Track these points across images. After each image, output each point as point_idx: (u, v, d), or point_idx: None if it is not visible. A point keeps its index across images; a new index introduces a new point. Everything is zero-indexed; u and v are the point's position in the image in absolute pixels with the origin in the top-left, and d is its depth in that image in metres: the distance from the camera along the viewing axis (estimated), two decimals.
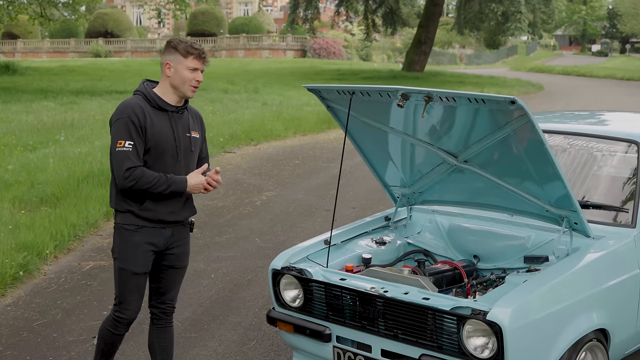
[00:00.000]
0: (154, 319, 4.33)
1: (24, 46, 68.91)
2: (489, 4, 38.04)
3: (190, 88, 4.06)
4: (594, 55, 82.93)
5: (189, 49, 4.02)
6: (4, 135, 13.73)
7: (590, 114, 6.46)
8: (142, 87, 4.10)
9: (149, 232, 4.08)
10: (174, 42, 4.07)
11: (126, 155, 3.91)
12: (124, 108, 3.99)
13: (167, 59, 4.05)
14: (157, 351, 4.33)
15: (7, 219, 7.94)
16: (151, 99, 4.04)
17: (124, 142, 3.92)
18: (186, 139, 4.13)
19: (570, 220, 4.06)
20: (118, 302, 4.18)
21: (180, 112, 4.12)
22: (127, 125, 3.93)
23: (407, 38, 66.70)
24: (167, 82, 4.06)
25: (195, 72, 4.05)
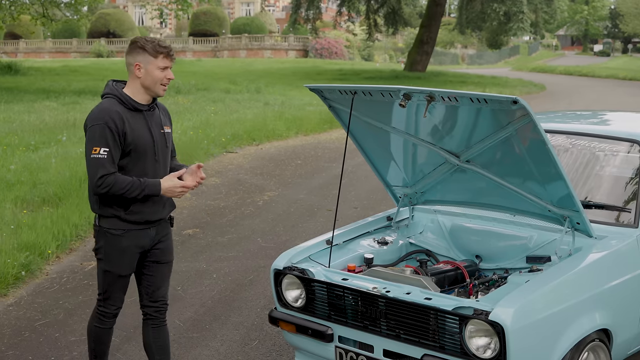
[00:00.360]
0: (148, 319, 4.31)
1: (26, 46, 68.94)
2: (491, 4, 38.04)
3: (161, 87, 4.05)
4: (596, 55, 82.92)
5: (158, 48, 3.99)
6: (6, 135, 13.73)
7: (593, 114, 6.45)
8: (113, 90, 4.05)
9: (136, 234, 4.08)
10: (140, 42, 4.01)
11: (101, 163, 3.87)
12: (99, 113, 3.94)
13: (136, 60, 4.00)
14: (155, 351, 4.32)
15: (10, 219, 7.94)
16: (126, 101, 4.01)
17: (99, 148, 3.88)
18: (161, 135, 4.14)
19: (573, 220, 4.05)
20: (103, 298, 4.20)
21: (152, 110, 4.12)
22: (104, 131, 3.88)
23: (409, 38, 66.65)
24: (138, 82, 4.03)
25: (166, 71, 4.03)
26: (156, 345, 4.31)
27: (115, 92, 4.02)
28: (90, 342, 4.31)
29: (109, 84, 4.09)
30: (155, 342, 4.31)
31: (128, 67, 4.04)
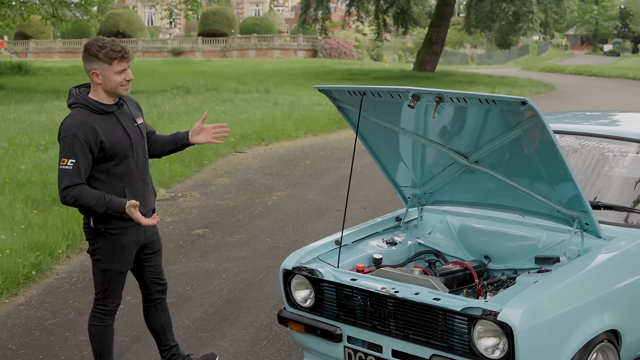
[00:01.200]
0: (157, 303, 4.56)
1: (36, 46, 69.20)
2: (500, 4, 37.96)
3: (122, 88, 4.08)
4: (605, 55, 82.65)
5: (111, 54, 3.98)
6: (16, 135, 13.80)
7: (602, 115, 6.44)
8: (79, 98, 4.07)
9: (133, 231, 4.21)
10: (92, 49, 3.98)
11: (66, 174, 3.93)
12: (69, 126, 3.98)
13: (92, 67, 4.01)
14: (166, 329, 4.62)
15: (20, 218, 7.98)
16: (95, 107, 4.05)
17: (67, 160, 3.94)
18: (135, 129, 4.20)
19: (582, 221, 4.05)
20: (101, 297, 4.31)
21: (120, 107, 4.17)
22: (72, 143, 3.94)
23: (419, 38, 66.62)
24: (99, 88, 4.06)
25: (124, 73, 4.06)
26: (166, 324, 4.61)
27: (82, 101, 4.05)
28: (93, 343, 4.39)
29: (72, 92, 4.12)
30: (166, 322, 4.61)
31: (87, 74, 4.06)
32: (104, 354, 4.40)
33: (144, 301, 4.60)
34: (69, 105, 4.11)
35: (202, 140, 4.49)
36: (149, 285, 4.51)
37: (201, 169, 12.06)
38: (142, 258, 4.42)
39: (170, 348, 4.66)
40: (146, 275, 4.49)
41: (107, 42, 4.01)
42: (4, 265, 6.43)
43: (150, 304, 4.56)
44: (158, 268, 4.52)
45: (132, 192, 4.18)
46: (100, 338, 4.36)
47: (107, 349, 4.40)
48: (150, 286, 4.52)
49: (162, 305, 4.59)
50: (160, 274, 4.54)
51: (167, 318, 4.64)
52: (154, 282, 4.51)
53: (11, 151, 12.03)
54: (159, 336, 4.63)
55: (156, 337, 4.66)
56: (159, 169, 10.87)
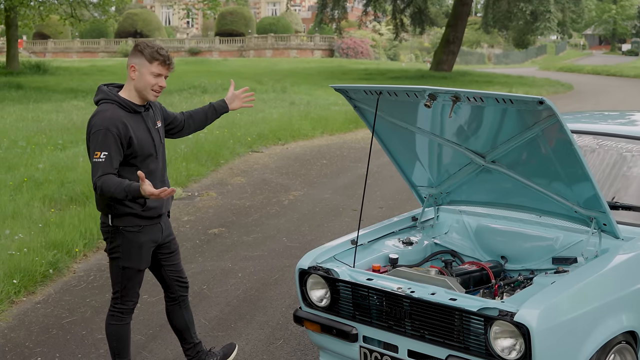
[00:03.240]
0: (180, 301, 4.60)
1: (54, 46, 69.61)
2: (517, 3, 37.84)
3: (152, 93, 4.14)
4: (624, 54, 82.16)
5: (155, 54, 4.08)
6: (35, 134, 13.89)
7: (620, 114, 6.39)
8: (110, 95, 4.14)
9: (151, 229, 4.27)
10: (140, 45, 4.12)
11: (99, 166, 3.99)
12: (101, 119, 4.03)
13: (133, 61, 4.12)
14: (189, 327, 4.67)
15: (38, 217, 8.03)
16: (126, 105, 4.11)
17: (100, 153, 3.99)
18: (156, 132, 4.28)
19: (599, 222, 4.02)
20: (119, 296, 4.36)
21: (147, 109, 4.24)
22: (105, 136, 3.99)
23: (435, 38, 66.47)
24: (132, 84, 4.13)
25: (159, 78, 4.13)
26: (189, 322, 4.66)
27: (112, 97, 4.11)
28: (111, 342, 4.42)
29: (102, 89, 4.17)
30: (189, 320, 4.66)
31: (127, 69, 4.16)
32: (121, 353, 4.43)
33: (166, 300, 4.63)
34: (97, 102, 4.16)
35: (236, 106, 4.71)
36: (170, 284, 4.55)
37: (218, 168, 12.09)
38: (160, 258, 4.46)
39: (195, 346, 4.70)
40: (166, 274, 4.53)
41: (156, 45, 4.16)
42: (22, 264, 6.47)
43: (174, 302, 4.60)
44: (178, 267, 4.57)
45: None
46: (118, 337, 4.39)
47: (124, 347, 4.43)
48: (172, 285, 4.56)
49: (185, 303, 4.63)
50: (181, 272, 4.59)
51: (190, 316, 4.68)
52: (175, 280, 4.55)
53: (29, 150, 12.12)
54: (183, 335, 4.67)
55: (180, 335, 4.69)
56: (176, 168, 10.91)
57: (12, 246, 6.90)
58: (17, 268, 6.39)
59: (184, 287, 4.61)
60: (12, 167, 10.65)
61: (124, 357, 4.45)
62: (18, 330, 5.58)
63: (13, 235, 7.28)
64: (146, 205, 4.18)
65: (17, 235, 7.27)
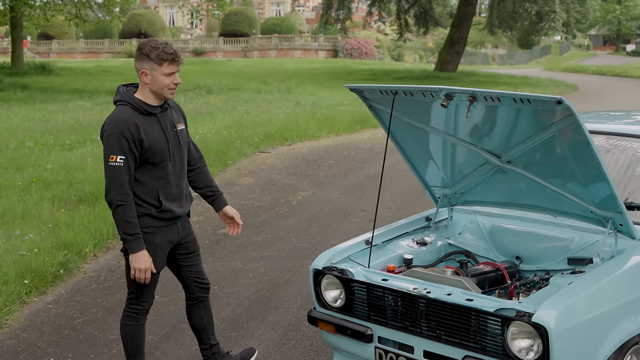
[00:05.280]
0: (199, 302, 4.59)
1: (58, 47, 69.72)
2: (522, 4, 37.81)
3: (169, 91, 4.14)
4: (628, 55, 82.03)
5: (162, 55, 4.04)
6: (42, 134, 13.91)
7: (631, 114, 6.36)
8: (125, 96, 4.14)
9: (166, 230, 4.27)
10: (145, 49, 4.07)
11: (118, 171, 4.00)
12: (115, 122, 4.04)
13: (143, 66, 4.08)
14: (208, 328, 4.65)
15: (47, 217, 8.03)
16: (139, 107, 4.10)
17: (116, 157, 3.99)
18: (175, 134, 4.25)
19: (616, 222, 4.01)
20: (135, 296, 4.35)
21: (164, 110, 4.22)
22: (120, 140, 3.99)
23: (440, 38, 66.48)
24: (147, 88, 4.12)
25: (172, 76, 4.11)
26: (208, 323, 4.65)
27: (127, 99, 4.11)
28: (125, 342, 4.42)
29: (120, 90, 4.18)
30: (207, 321, 4.65)
31: (137, 73, 4.13)
32: (136, 354, 4.43)
33: (186, 299, 4.63)
34: (115, 102, 4.16)
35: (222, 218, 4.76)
36: (189, 284, 4.54)
37: (225, 169, 12.08)
38: (178, 258, 4.46)
39: (211, 347, 4.69)
40: (185, 275, 4.52)
41: (160, 43, 4.08)
42: (33, 264, 6.47)
43: (193, 302, 4.59)
44: (197, 268, 4.55)
45: (165, 195, 4.21)
46: (133, 337, 4.39)
47: (139, 348, 4.43)
48: (190, 286, 4.55)
49: (204, 304, 4.62)
50: (200, 273, 4.57)
51: (209, 316, 4.66)
52: (194, 281, 4.54)
53: (37, 150, 12.13)
54: (201, 334, 4.66)
55: (197, 335, 4.69)
56: None
57: (23, 246, 6.91)
58: (28, 268, 6.39)
59: (203, 288, 4.59)
60: (21, 168, 10.66)
61: (139, 357, 4.44)
62: (30, 331, 5.58)
63: (23, 235, 7.29)
64: (162, 207, 4.18)
65: (27, 235, 7.27)
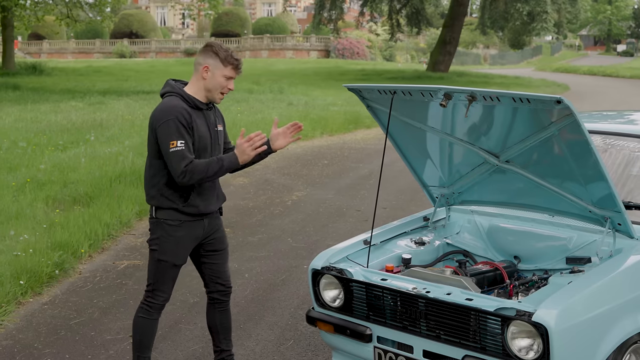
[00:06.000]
0: (215, 303, 4.57)
1: (49, 47, 69.46)
2: (514, 4, 37.91)
3: (220, 95, 4.25)
4: (619, 55, 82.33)
5: (230, 58, 4.19)
6: (35, 135, 13.86)
7: (625, 114, 6.38)
8: (175, 88, 4.23)
9: (191, 225, 4.28)
10: (215, 47, 4.21)
11: (181, 155, 4.06)
12: (168, 109, 4.12)
13: (207, 62, 4.19)
14: (220, 331, 4.61)
15: (42, 218, 8.01)
16: (189, 100, 4.19)
17: (176, 142, 4.07)
18: (216, 133, 4.35)
19: (614, 221, 4.01)
20: (152, 289, 4.35)
21: (209, 109, 4.33)
22: (176, 125, 4.08)
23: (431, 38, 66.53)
24: (202, 83, 4.22)
25: (229, 81, 4.23)
26: (222, 327, 4.61)
27: (177, 91, 4.21)
28: (135, 334, 4.43)
29: (169, 83, 4.29)
30: (222, 324, 4.61)
31: (196, 67, 4.24)
32: (141, 348, 4.43)
33: (207, 294, 4.62)
34: (162, 94, 4.26)
35: (282, 144, 4.55)
36: (208, 282, 4.54)
37: None
38: (202, 254, 4.46)
39: (221, 352, 4.64)
40: (206, 272, 4.51)
41: (229, 48, 4.25)
42: (28, 265, 6.44)
43: (210, 301, 4.59)
44: (219, 267, 4.52)
45: (199, 191, 4.26)
46: (142, 331, 4.40)
47: (147, 342, 4.44)
48: (209, 284, 4.54)
49: (221, 307, 4.57)
50: (222, 274, 4.54)
51: (224, 321, 4.61)
52: (213, 281, 4.52)
53: (30, 151, 12.08)
54: (212, 335, 4.65)
55: (211, 334, 4.68)
56: None
57: (18, 247, 6.88)
58: (23, 269, 6.36)
59: (222, 291, 4.55)
60: (14, 168, 10.61)
61: (145, 352, 4.43)
62: (26, 332, 5.55)
63: (18, 236, 7.25)
64: (189, 201, 4.22)
65: (22, 236, 7.24)
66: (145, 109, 19.04)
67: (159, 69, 41.42)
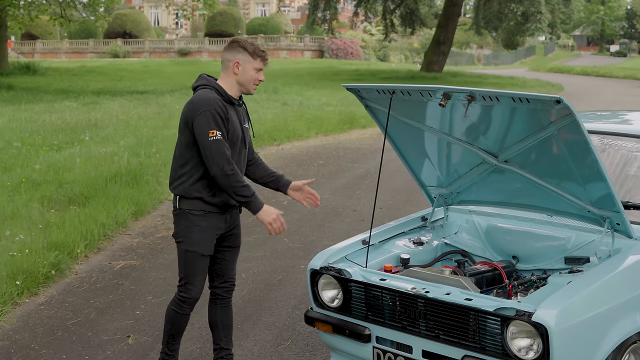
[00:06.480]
0: (217, 299, 4.60)
1: (43, 47, 69.31)
2: (508, 4, 37.98)
3: (253, 86, 4.38)
4: (612, 55, 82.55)
5: (258, 51, 4.33)
6: (29, 135, 13.82)
7: (621, 114, 6.38)
8: (210, 82, 4.34)
9: (215, 217, 4.34)
10: (242, 42, 4.34)
11: (223, 145, 4.16)
12: (205, 101, 4.21)
13: (237, 57, 4.31)
14: (221, 328, 4.63)
15: (37, 218, 7.98)
16: (223, 93, 4.29)
17: (215, 131, 4.16)
18: (244, 130, 4.44)
19: (613, 221, 4.01)
20: (183, 283, 4.41)
21: (240, 105, 4.44)
22: (214, 117, 4.17)
23: (425, 38, 66.60)
24: (234, 78, 4.33)
25: (259, 72, 4.36)
26: (223, 324, 4.63)
27: (212, 84, 4.31)
28: (166, 324, 4.52)
29: (203, 76, 4.39)
30: (222, 321, 4.63)
31: (225, 64, 4.34)
32: (172, 337, 4.53)
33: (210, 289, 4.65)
34: (195, 87, 4.34)
35: (296, 197, 4.78)
36: (214, 278, 4.57)
37: None
38: (217, 249, 4.49)
39: (220, 350, 4.66)
40: (215, 267, 4.55)
41: (254, 42, 4.38)
42: (24, 265, 6.41)
43: (212, 296, 4.62)
44: (229, 265, 4.58)
45: None
46: (173, 323, 4.49)
47: (177, 333, 4.54)
48: (213, 278, 4.57)
49: (222, 303, 4.61)
50: (230, 271, 4.59)
51: (224, 318, 4.64)
52: (220, 276, 4.57)
53: (24, 151, 12.04)
54: (213, 331, 4.67)
55: (211, 331, 4.70)
56: None
57: (14, 247, 6.85)
58: (19, 269, 6.33)
59: (225, 287, 4.59)
60: (8, 168, 10.57)
61: (175, 340, 4.54)
62: (23, 332, 5.53)
63: (13, 236, 7.22)
64: (214, 192, 4.28)
65: (17, 236, 7.21)
66: (139, 109, 19.01)
67: (153, 69, 41.37)
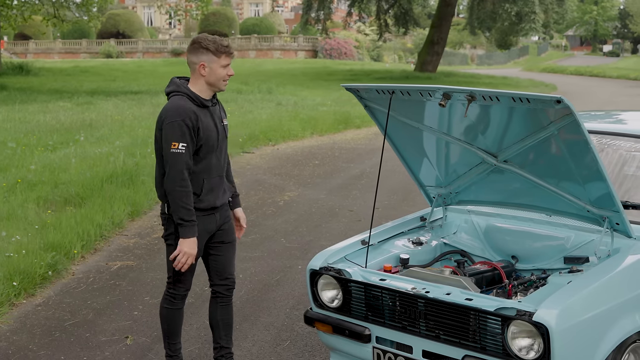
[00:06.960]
0: (217, 297, 4.59)
1: (36, 47, 69.12)
2: (502, 4, 38.01)
3: (224, 83, 4.33)
4: (605, 55, 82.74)
5: (220, 48, 4.24)
6: (24, 135, 13.77)
7: (616, 114, 6.39)
8: (182, 87, 4.28)
9: (203, 220, 4.32)
10: (203, 42, 4.24)
11: (181, 157, 4.13)
12: (176, 110, 4.17)
13: (201, 59, 4.23)
14: (222, 327, 4.62)
15: (33, 219, 7.95)
16: (195, 98, 4.24)
17: (178, 144, 4.13)
18: (222, 127, 4.41)
19: (612, 221, 4.02)
20: (172, 280, 4.43)
21: (214, 105, 4.38)
22: (181, 128, 4.13)
23: (418, 39, 66.63)
24: (202, 80, 4.27)
25: (227, 68, 4.30)
26: (223, 322, 4.61)
27: (183, 90, 4.25)
28: (163, 324, 4.54)
29: (174, 81, 4.33)
30: (223, 320, 4.61)
31: (191, 66, 4.27)
32: (171, 336, 4.53)
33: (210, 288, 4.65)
34: (168, 93, 4.30)
35: None
36: (211, 274, 4.57)
37: None
38: (209, 245, 4.49)
39: (221, 348, 4.65)
40: (211, 265, 4.54)
41: (215, 37, 4.30)
42: (21, 266, 6.39)
43: (213, 295, 4.61)
44: (225, 261, 4.55)
45: (209, 185, 4.32)
46: (169, 320, 4.49)
47: (174, 331, 4.53)
48: (212, 276, 4.57)
49: (223, 302, 4.59)
50: (226, 267, 4.56)
51: (225, 316, 4.61)
52: (216, 273, 4.54)
53: (19, 151, 12.00)
54: (213, 330, 4.66)
55: (211, 330, 4.69)
56: None
57: (10, 248, 6.82)
58: (16, 270, 6.31)
59: (224, 285, 4.57)
60: (4, 169, 10.52)
61: (174, 338, 4.54)
62: (20, 333, 5.51)
63: (10, 237, 7.19)
64: (201, 196, 4.27)
65: (14, 237, 7.18)
66: (134, 110, 18.97)
67: (147, 69, 41.29)
